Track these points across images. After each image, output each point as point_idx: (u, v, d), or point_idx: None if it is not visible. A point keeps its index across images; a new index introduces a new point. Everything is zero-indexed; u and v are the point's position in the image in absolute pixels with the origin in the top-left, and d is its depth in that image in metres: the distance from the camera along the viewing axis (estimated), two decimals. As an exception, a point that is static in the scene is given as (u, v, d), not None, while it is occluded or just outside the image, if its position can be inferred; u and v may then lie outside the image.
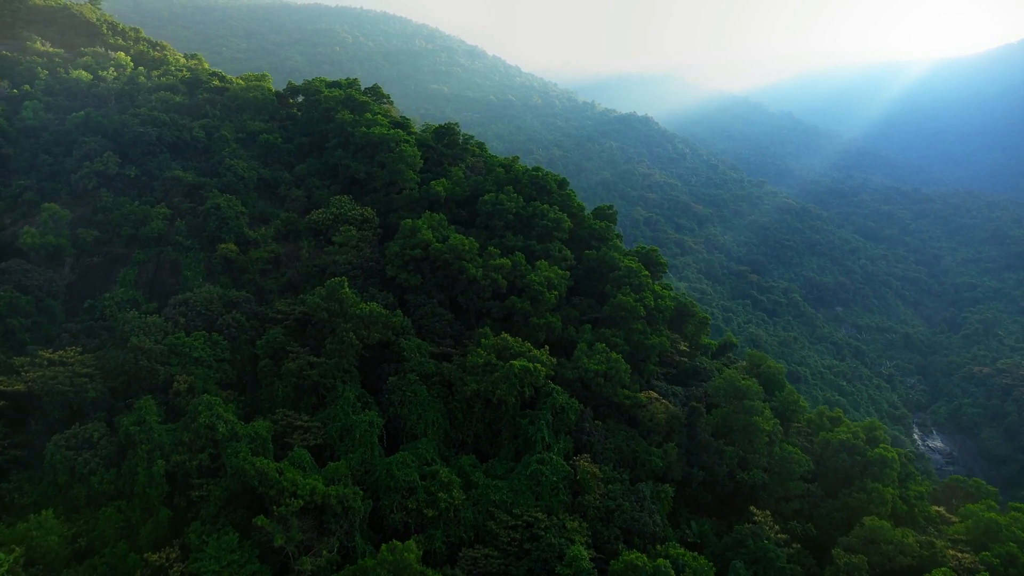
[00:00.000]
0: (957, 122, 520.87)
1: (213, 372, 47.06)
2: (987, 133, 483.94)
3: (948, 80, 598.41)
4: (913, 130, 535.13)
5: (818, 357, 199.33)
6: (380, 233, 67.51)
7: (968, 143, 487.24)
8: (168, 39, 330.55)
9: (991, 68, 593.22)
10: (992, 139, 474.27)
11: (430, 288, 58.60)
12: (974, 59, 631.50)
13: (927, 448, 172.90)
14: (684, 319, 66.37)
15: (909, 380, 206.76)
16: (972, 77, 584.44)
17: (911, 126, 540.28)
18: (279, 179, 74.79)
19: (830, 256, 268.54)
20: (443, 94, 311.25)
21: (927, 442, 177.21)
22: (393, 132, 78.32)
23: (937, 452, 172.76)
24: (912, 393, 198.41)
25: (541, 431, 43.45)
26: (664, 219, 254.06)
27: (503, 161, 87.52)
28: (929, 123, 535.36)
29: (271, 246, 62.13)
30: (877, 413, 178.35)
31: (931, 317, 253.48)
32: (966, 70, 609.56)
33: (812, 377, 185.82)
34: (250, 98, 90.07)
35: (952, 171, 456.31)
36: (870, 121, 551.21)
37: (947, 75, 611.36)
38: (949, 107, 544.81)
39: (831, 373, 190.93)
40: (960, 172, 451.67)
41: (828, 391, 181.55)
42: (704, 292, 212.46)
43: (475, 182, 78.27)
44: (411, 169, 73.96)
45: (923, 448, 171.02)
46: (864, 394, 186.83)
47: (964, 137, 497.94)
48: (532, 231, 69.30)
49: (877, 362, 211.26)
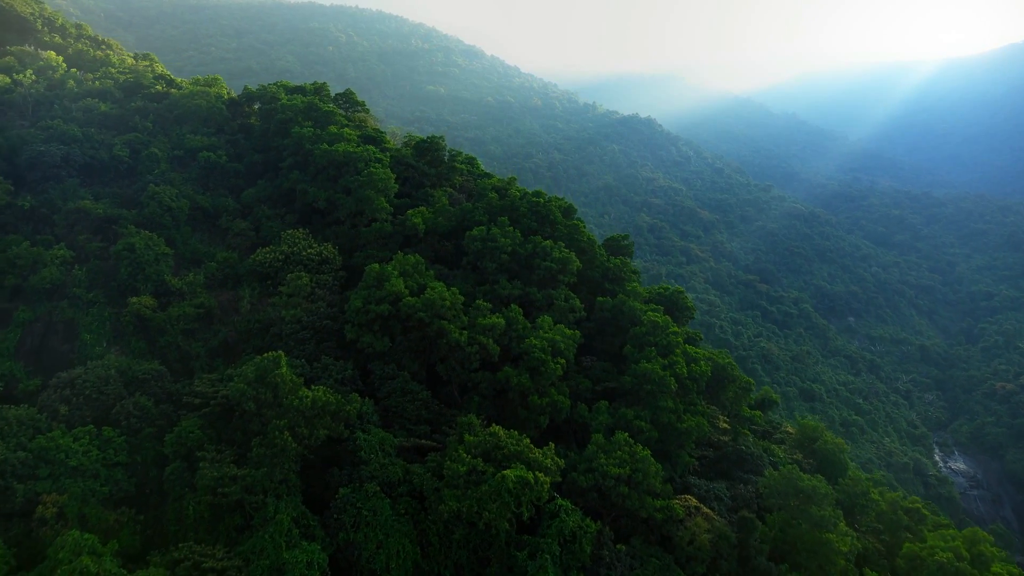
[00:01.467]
0: (963, 123, 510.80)
1: (99, 485, 34.57)
2: (994, 135, 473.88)
3: (953, 81, 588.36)
4: (918, 132, 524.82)
5: (832, 373, 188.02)
6: (343, 277, 54.74)
7: (975, 145, 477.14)
8: (155, 38, 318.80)
9: (996, 68, 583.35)
10: (1000, 141, 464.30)
11: (401, 355, 45.87)
12: (979, 59, 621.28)
13: (949, 470, 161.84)
14: (722, 385, 54.00)
15: (927, 396, 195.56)
16: (977, 78, 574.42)
17: (916, 127, 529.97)
18: (221, 208, 61.47)
19: (840, 264, 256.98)
20: (439, 95, 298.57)
21: (949, 464, 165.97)
22: (361, 150, 65.76)
23: (960, 475, 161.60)
24: (931, 410, 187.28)
25: (545, 570, 31.34)
26: (669, 225, 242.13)
27: (497, 183, 73.91)
28: (935, 124, 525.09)
29: (200, 297, 49.26)
30: (896, 433, 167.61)
31: (947, 327, 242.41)
32: (971, 71, 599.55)
33: (827, 395, 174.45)
34: (193, 107, 75.91)
35: (960, 173, 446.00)
36: (874, 122, 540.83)
37: (952, 76, 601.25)
38: (955, 108, 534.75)
39: (847, 390, 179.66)
40: (968, 174, 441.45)
41: (845, 410, 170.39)
42: (712, 304, 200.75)
43: (462, 211, 64.94)
44: (383, 196, 61.46)
45: (945, 470, 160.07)
46: (881, 412, 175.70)
47: (971, 139, 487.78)
48: (532, 274, 56.38)
49: (893, 376, 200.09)
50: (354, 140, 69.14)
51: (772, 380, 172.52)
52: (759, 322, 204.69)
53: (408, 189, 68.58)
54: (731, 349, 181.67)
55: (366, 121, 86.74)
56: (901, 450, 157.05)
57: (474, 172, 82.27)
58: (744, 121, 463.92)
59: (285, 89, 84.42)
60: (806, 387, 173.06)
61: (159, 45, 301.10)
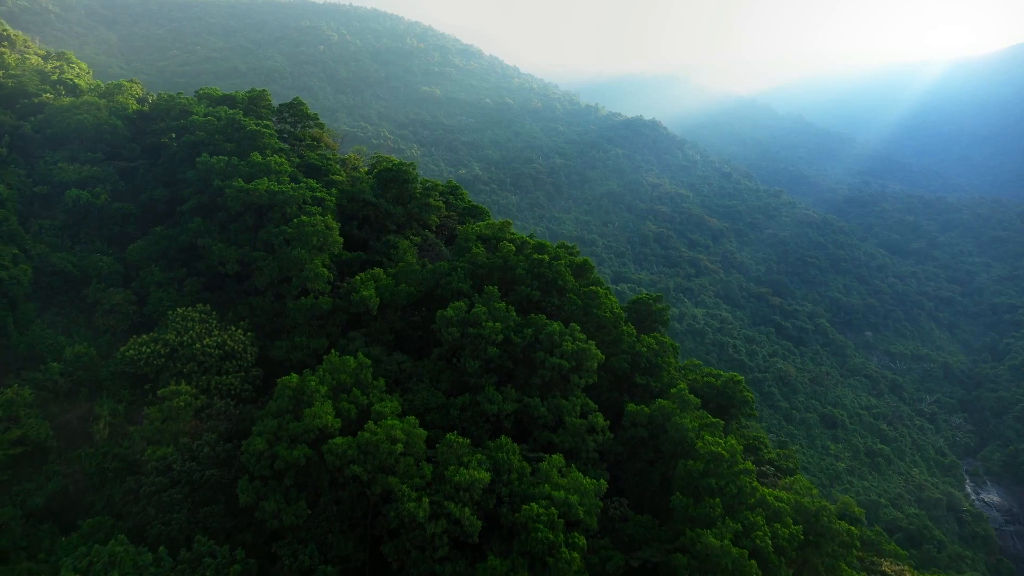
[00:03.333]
0: (972, 124, 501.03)
1: None
2: (1005, 136, 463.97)
3: (961, 81, 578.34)
4: (926, 133, 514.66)
5: (853, 395, 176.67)
6: (258, 378, 38.67)
7: (985, 147, 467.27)
8: (139, 37, 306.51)
9: (1005, 68, 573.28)
10: (1010, 142, 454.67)
11: (325, 530, 29.94)
12: (986, 59, 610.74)
13: (982, 503, 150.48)
14: (815, 543, 37.07)
15: (954, 419, 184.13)
16: (985, 78, 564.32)
17: (924, 129, 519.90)
18: (92, 270, 44.55)
19: (856, 274, 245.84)
20: (435, 97, 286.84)
21: (982, 495, 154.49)
22: (294, 187, 48.75)
23: (994, 508, 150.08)
24: (959, 435, 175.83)
25: None
26: (676, 234, 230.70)
27: (485, 230, 55.34)
28: (943, 126, 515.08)
29: (23, 427, 31.68)
30: (924, 463, 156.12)
31: (969, 342, 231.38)
32: (979, 71, 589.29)
33: (850, 420, 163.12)
34: (75, 123, 57.53)
35: (970, 176, 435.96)
36: (881, 124, 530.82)
37: (960, 76, 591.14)
38: (963, 109, 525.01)
39: (870, 415, 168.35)
40: (979, 178, 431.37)
41: (869, 437, 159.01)
42: (724, 320, 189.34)
43: (435, 274, 48.01)
44: (320, 254, 44.99)
45: (978, 504, 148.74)
46: (907, 439, 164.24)
47: (980, 140, 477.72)
48: (533, 374, 40.73)
49: (916, 397, 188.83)
50: (287, 172, 51.92)
51: (791, 405, 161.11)
52: (774, 339, 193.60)
53: (365, 235, 53.00)
54: (745, 371, 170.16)
55: (320, 140, 71.60)
56: (931, 482, 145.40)
57: (457, 205, 67.27)
58: (749, 123, 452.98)
59: (209, 99, 66.55)
60: (827, 413, 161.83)
61: (142, 44, 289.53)
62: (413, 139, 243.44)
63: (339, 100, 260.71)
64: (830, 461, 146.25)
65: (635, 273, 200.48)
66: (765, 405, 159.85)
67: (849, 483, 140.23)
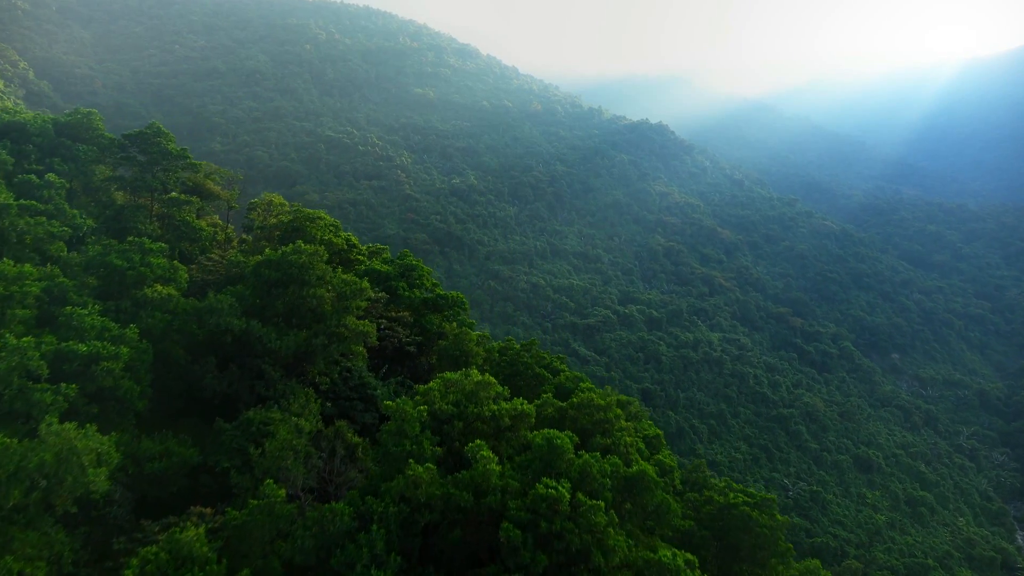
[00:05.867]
0: (985, 127, 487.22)
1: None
2: (1018, 139, 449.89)
3: (972, 83, 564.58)
4: (937, 136, 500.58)
5: (887, 431, 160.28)
6: None
7: (999, 150, 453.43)
8: (115, 36, 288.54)
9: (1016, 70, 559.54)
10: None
11: None
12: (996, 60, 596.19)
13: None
14: None
15: (995, 455, 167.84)
16: (997, 79, 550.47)
17: (935, 131, 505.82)
18: None
19: (879, 290, 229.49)
20: (428, 100, 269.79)
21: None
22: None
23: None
24: (1003, 475, 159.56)
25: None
26: (687, 248, 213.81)
27: (442, 404, 28.71)
28: (954, 129, 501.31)
29: None
30: (969, 509, 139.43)
31: (1002, 364, 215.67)
32: (990, 72, 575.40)
33: (886, 462, 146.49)
34: None
35: (985, 180, 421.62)
36: (891, 127, 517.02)
37: (971, 78, 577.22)
38: (975, 112, 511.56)
39: (907, 455, 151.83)
40: (994, 181, 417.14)
41: (908, 482, 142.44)
42: (742, 346, 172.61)
43: (326, 544, 22.37)
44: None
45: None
46: (948, 482, 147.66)
47: (993, 143, 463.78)
48: None
49: (952, 430, 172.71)
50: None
51: (821, 446, 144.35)
52: (796, 366, 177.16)
53: (232, 387, 32.08)
54: (769, 405, 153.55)
55: (201, 188, 52.30)
56: (980, 534, 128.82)
57: (411, 299, 43.85)
58: (757, 126, 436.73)
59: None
60: (861, 454, 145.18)
61: (118, 43, 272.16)
62: (403, 145, 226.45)
63: (325, 103, 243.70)
64: (868, 513, 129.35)
65: (644, 292, 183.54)
66: (793, 446, 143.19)
67: (891, 539, 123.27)
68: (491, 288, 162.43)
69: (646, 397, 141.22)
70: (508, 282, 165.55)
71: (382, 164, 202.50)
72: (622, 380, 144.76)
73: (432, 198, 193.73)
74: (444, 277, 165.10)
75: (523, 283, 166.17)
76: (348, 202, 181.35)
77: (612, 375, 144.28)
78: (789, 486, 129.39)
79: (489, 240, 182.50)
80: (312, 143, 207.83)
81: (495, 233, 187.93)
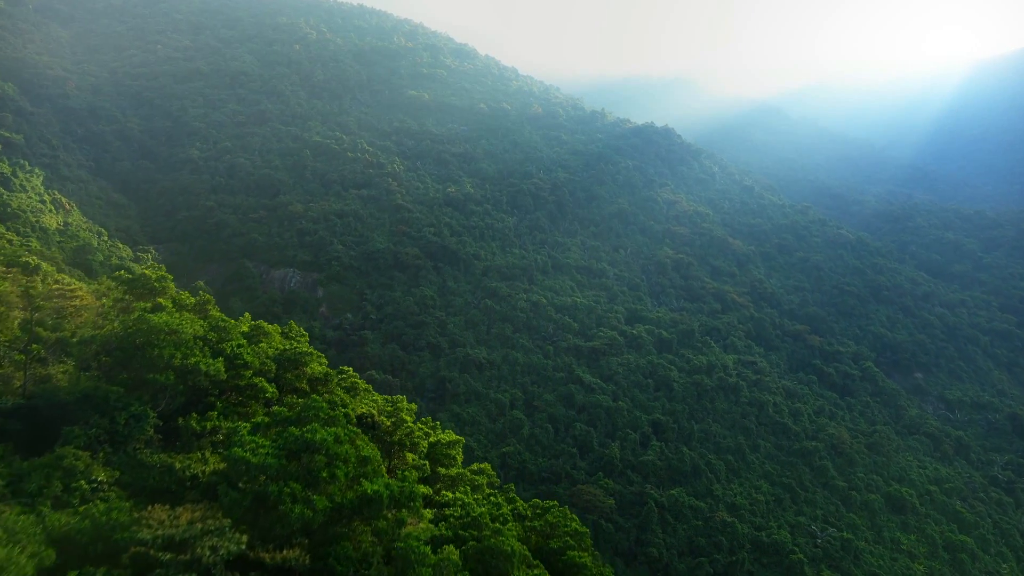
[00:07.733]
0: (995, 130, 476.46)
1: None
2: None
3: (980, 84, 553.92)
4: (946, 139, 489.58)
5: (919, 465, 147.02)
6: None
7: (1011, 153, 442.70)
8: (96, 35, 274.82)
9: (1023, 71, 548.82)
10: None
11: None
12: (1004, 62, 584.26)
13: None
14: None
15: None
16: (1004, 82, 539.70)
17: (944, 135, 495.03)
18: None
19: (899, 304, 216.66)
20: (423, 102, 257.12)
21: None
22: None
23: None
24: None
25: None
26: (697, 261, 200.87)
27: None
28: (963, 131, 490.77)
29: None
30: (1012, 554, 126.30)
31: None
32: (996, 75, 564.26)
33: (920, 501, 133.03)
34: None
35: (997, 184, 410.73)
36: (899, 130, 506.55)
37: (979, 79, 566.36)
38: (984, 115, 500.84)
39: (941, 491, 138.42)
40: (1007, 185, 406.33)
41: (945, 523, 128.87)
42: (759, 369, 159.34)
43: None
44: None
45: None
46: (988, 520, 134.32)
47: (1005, 146, 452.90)
48: None
49: (985, 459, 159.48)
50: None
51: (849, 484, 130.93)
52: (816, 390, 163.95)
53: None
54: (791, 437, 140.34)
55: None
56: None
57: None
58: (763, 130, 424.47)
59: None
60: (892, 492, 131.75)
61: (99, 43, 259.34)
62: (396, 151, 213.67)
63: (313, 106, 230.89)
64: (904, 562, 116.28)
65: (653, 311, 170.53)
66: (819, 484, 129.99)
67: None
68: (488, 307, 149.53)
69: (657, 430, 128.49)
70: (506, 300, 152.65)
71: (372, 172, 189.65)
72: (631, 410, 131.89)
73: (425, 208, 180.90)
74: (437, 296, 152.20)
75: (523, 301, 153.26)
76: (335, 213, 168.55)
77: (620, 404, 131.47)
78: (817, 532, 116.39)
79: (486, 254, 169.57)
80: (298, 149, 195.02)
81: (492, 246, 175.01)
